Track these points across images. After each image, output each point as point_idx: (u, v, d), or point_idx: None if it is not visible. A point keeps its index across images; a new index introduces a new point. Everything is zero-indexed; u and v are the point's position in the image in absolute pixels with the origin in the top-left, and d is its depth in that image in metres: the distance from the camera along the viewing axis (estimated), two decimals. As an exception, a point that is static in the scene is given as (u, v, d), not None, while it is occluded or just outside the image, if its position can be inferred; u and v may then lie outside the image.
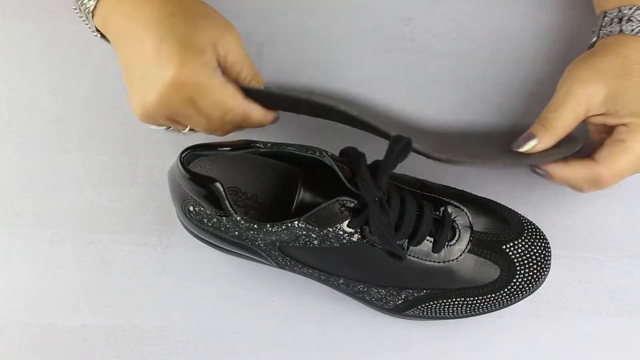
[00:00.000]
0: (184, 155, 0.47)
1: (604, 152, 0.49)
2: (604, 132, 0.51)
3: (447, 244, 0.49)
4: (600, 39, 0.52)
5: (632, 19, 0.50)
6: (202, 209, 0.47)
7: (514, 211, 0.52)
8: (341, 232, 0.46)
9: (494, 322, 0.54)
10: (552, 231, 0.55)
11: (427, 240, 0.48)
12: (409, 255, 0.48)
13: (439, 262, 0.48)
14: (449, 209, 0.49)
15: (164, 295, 0.54)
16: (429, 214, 0.48)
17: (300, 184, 0.47)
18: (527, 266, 0.50)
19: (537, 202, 0.56)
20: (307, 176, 0.48)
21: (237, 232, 0.47)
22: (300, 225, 0.45)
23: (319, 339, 0.54)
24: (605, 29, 0.51)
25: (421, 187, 0.51)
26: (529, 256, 0.50)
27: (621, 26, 0.50)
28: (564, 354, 0.54)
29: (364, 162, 0.45)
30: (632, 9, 0.50)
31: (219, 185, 0.45)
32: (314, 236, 0.46)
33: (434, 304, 0.50)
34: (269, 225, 0.46)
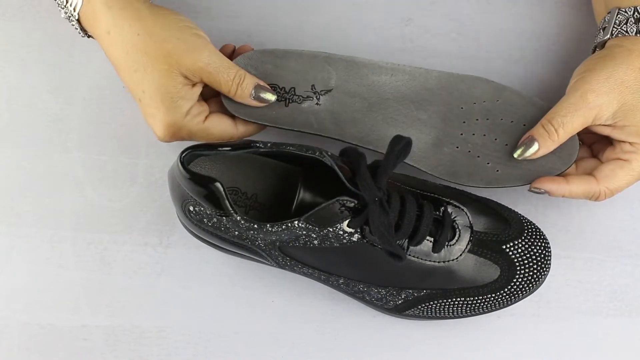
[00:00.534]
0: (184, 155, 0.47)
1: (605, 171, 0.49)
2: (600, 140, 0.51)
3: (447, 244, 0.49)
4: (613, 37, 0.50)
5: None
6: (202, 209, 0.47)
7: (514, 211, 0.52)
8: (341, 232, 0.46)
9: (494, 322, 0.54)
10: (552, 231, 0.55)
11: (427, 240, 0.48)
12: (409, 255, 0.48)
13: (439, 262, 0.48)
14: (449, 209, 0.49)
15: (164, 295, 0.54)
16: (429, 214, 0.48)
17: (300, 184, 0.47)
18: (527, 266, 0.50)
19: (537, 202, 0.56)
20: (307, 176, 0.48)
21: (237, 232, 0.47)
22: (300, 225, 0.45)
23: (319, 339, 0.54)
24: (619, 27, 0.49)
25: (421, 187, 0.51)
26: (529, 256, 0.50)
27: (638, 27, 0.48)
28: (564, 354, 0.54)
29: (364, 162, 0.45)
30: None
31: (219, 185, 0.45)
32: (314, 236, 0.46)
33: (434, 304, 0.50)
34: (269, 225, 0.46)
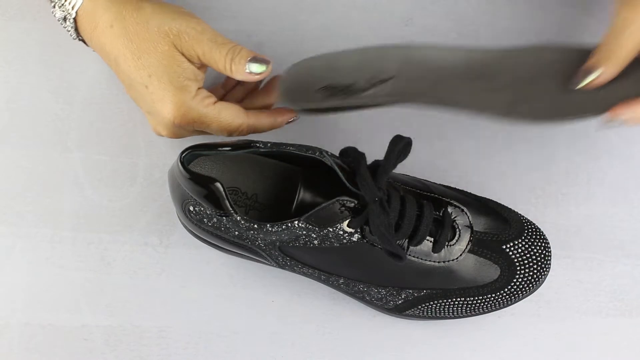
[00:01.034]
0: (184, 155, 0.47)
1: None
2: None
3: (447, 244, 0.49)
4: None
5: None
6: (202, 209, 0.47)
7: (514, 211, 0.52)
8: (341, 232, 0.46)
9: (494, 322, 0.54)
10: (552, 231, 0.55)
11: (427, 240, 0.48)
12: (409, 255, 0.48)
13: (439, 262, 0.48)
14: (449, 209, 0.49)
15: (164, 295, 0.54)
16: (429, 214, 0.48)
17: (300, 184, 0.47)
18: (527, 266, 0.50)
19: (537, 202, 0.56)
20: (307, 176, 0.48)
21: (237, 232, 0.47)
22: (300, 225, 0.45)
23: (319, 338, 0.54)
24: None
25: (421, 187, 0.51)
26: (529, 256, 0.50)
27: None
28: (564, 354, 0.54)
29: (364, 162, 0.45)
30: None
31: (219, 185, 0.45)
32: (314, 236, 0.46)
33: (434, 304, 0.50)
34: (269, 225, 0.46)
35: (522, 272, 0.50)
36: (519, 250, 0.50)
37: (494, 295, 0.50)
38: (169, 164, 0.54)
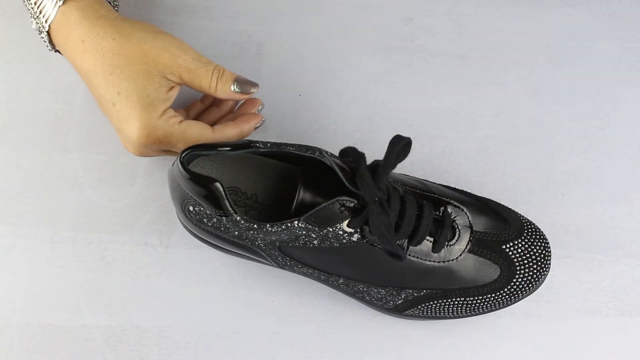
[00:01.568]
0: (184, 155, 0.47)
1: None
2: None
3: (447, 243, 0.49)
4: None
5: None
6: (202, 209, 0.47)
7: (514, 211, 0.52)
8: (341, 232, 0.46)
9: (494, 322, 0.54)
10: (552, 231, 0.55)
11: (427, 240, 0.48)
12: (409, 255, 0.48)
13: (438, 262, 0.48)
14: (449, 209, 0.49)
15: (164, 295, 0.54)
16: (429, 214, 0.48)
17: (300, 184, 0.47)
18: (527, 266, 0.50)
19: (537, 202, 0.56)
20: (307, 176, 0.48)
21: (237, 232, 0.47)
22: (300, 225, 0.45)
23: (319, 338, 0.54)
24: None
25: (421, 187, 0.51)
26: (528, 256, 0.50)
27: None
28: (564, 354, 0.54)
29: (363, 162, 0.45)
30: None
31: (219, 185, 0.45)
32: (314, 236, 0.46)
33: (434, 303, 0.50)
34: (268, 225, 0.46)
35: (522, 272, 0.49)
36: (519, 250, 0.50)
37: (493, 295, 0.50)
38: (168, 164, 0.54)
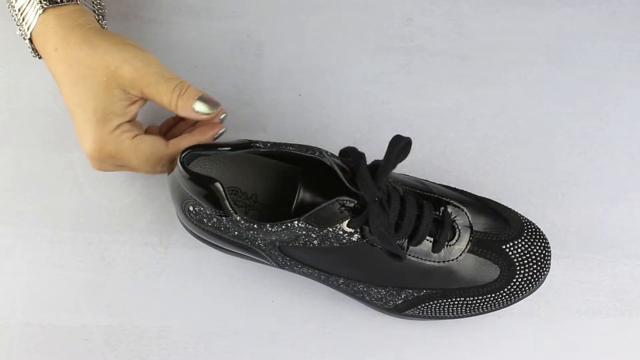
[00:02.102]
0: (184, 155, 0.47)
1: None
2: None
3: (447, 243, 0.49)
4: None
5: None
6: (202, 209, 0.47)
7: (514, 211, 0.52)
8: (341, 232, 0.46)
9: (494, 322, 0.54)
10: (552, 231, 0.55)
11: (427, 240, 0.48)
12: (409, 255, 0.48)
13: (438, 262, 0.48)
14: (449, 209, 0.49)
15: (164, 295, 0.54)
16: (428, 214, 0.48)
17: (300, 184, 0.47)
18: (527, 266, 0.50)
19: (537, 202, 0.56)
20: (307, 176, 0.48)
21: (237, 232, 0.47)
22: (300, 225, 0.45)
23: (319, 338, 0.54)
24: None
25: (421, 187, 0.51)
26: (528, 256, 0.50)
27: None
28: (563, 354, 0.54)
29: (364, 162, 0.45)
30: None
31: (219, 185, 0.45)
32: (314, 236, 0.46)
33: (434, 303, 0.50)
34: (268, 225, 0.46)
35: (522, 272, 0.49)
36: (519, 250, 0.50)
37: (493, 295, 0.50)
38: (169, 164, 0.54)
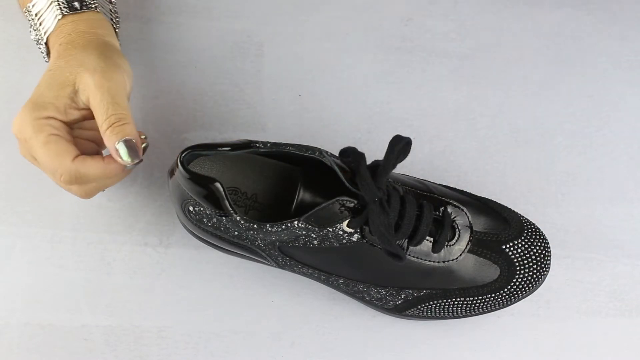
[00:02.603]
0: (184, 155, 0.47)
1: None
2: None
3: (447, 243, 0.49)
4: None
5: None
6: (202, 209, 0.47)
7: (514, 211, 0.52)
8: (341, 232, 0.46)
9: (494, 322, 0.54)
10: (552, 231, 0.55)
11: (427, 240, 0.48)
12: (409, 255, 0.48)
13: (438, 262, 0.48)
14: (449, 209, 0.49)
15: (164, 295, 0.54)
16: (428, 214, 0.48)
17: (300, 184, 0.47)
18: (526, 266, 0.50)
19: (537, 202, 0.56)
20: (307, 176, 0.48)
21: (237, 232, 0.47)
22: (300, 225, 0.45)
23: (319, 339, 0.54)
24: None
25: (421, 187, 0.51)
26: (528, 256, 0.50)
27: None
28: (564, 354, 0.54)
29: (363, 162, 0.45)
30: None
31: (219, 185, 0.45)
32: (314, 236, 0.46)
33: (434, 304, 0.50)
34: (268, 225, 0.46)
35: (522, 272, 0.49)
36: (519, 250, 0.50)
37: (493, 295, 0.50)
38: (168, 164, 0.54)
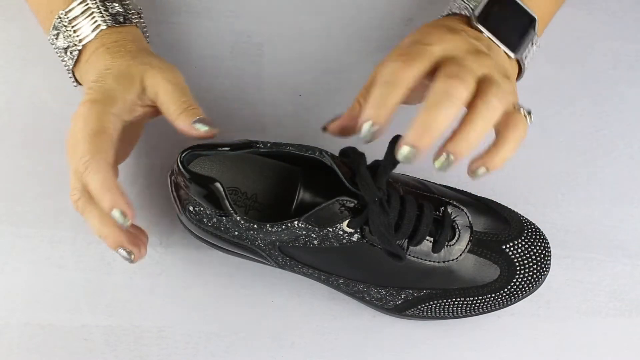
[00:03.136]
0: (184, 155, 0.47)
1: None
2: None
3: (447, 244, 0.49)
4: None
5: None
6: (202, 209, 0.47)
7: (514, 211, 0.52)
8: (341, 232, 0.46)
9: (494, 322, 0.54)
10: (552, 231, 0.55)
11: (427, 240, 0.48)
12: (409, 255, 0.48)
13: (438, 262, 0.48)
14: (449, 209, 0.49)
15: (164, 295, 0.54)
16: (428, 214, 0.48)
17: (300, 184, 0.47)
18: (527, 266, 0.50)
19: (537, 202, 0.56)
20: (307, 176, 0.48)
21: (237, 232, 0.47)
22: (300, 225, 0.45)
23: (319, 339, 0.54)
24: None
25: (421, 187, 0.51)
26: (528, 256, 0.50)
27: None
28: (564, 354, 0.54)
29: (364, 162, 0.45)
30: None
31: (219, 185, 0.45)
32: (314, 236, 0.46)
33: (434, 304, 0.50)
34: (268, 225, 0.46)
35: (522, 272, 0.49)
36: (519, 250, 0.50)
37: (493, 295, 0.50)
38: (169, 164, 0.54)
